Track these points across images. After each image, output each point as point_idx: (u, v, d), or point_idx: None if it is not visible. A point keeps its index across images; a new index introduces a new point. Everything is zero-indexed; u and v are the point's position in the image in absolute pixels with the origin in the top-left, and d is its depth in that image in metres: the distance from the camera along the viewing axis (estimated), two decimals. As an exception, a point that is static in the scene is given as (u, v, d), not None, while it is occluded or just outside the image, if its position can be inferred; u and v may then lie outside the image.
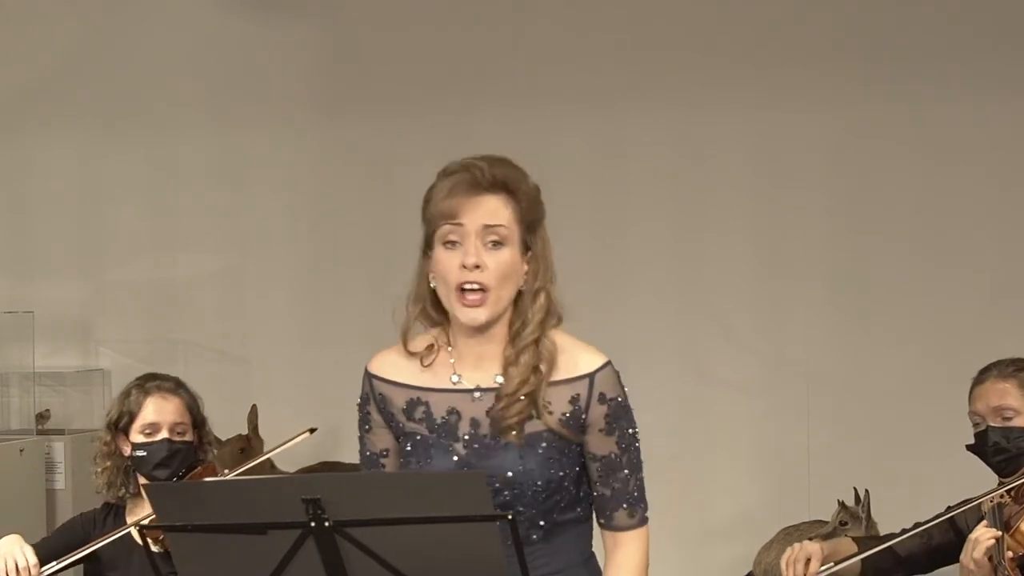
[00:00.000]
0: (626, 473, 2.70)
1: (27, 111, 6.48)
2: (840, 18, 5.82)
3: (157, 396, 3.57)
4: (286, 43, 6.27)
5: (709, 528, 5.86)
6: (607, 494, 2.70)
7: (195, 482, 3.15)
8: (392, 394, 2.71)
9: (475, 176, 2.63)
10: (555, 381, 2.65)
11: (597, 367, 2.67)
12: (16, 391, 6.43)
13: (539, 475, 2.61)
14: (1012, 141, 5.70)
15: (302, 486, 2.22)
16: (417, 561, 2.25)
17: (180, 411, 3.57)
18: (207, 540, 2.28)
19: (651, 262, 5.92)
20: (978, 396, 3.52)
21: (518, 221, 2.65)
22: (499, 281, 2.62)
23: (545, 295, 2.68)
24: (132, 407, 3.56)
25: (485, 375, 2.67)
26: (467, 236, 2.61)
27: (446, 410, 2.66)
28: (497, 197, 2.64)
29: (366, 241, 6.18)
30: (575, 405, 2.65)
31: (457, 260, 2.61)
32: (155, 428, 3.54)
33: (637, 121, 5.95)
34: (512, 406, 2.62)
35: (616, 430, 2.68)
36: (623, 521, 2.71)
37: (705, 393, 5.90)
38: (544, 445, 2.63)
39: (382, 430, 2.73)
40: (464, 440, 2.65)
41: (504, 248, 2.62)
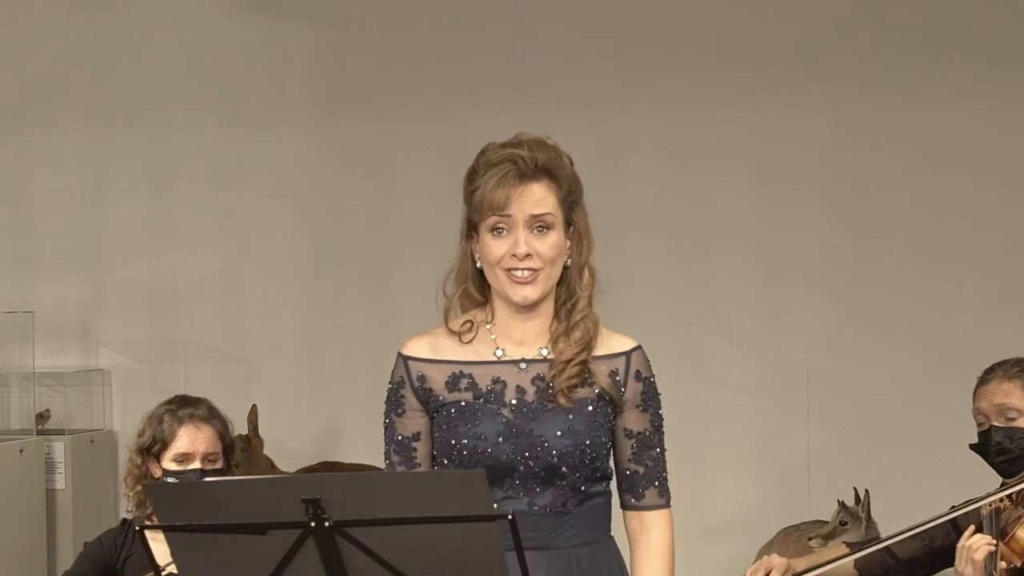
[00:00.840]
0: (658, 452, 2.79)
1: (27, 111, 6.48)
2: (840, 18, 5.83)
3: (191, 426, 3.58)
4: (286, 43, 6.27)
5: (709, 528, 5.86)
6: (640, 471, 2.77)
7: (195, 482, 3.15)
8: (432, 372, 2.75)
9: (520, 167, 2.70)
10: (597, 356, 2.75)
11: (633, 347, 2.82)
12: (16, 391, 6.43)
13: (587, 436, 2.68)
14: (1012, 141, 5.70)
15: (302, 486, 2.22)
16: (417, 561, 2.25)
17: (213, 440, 3.59)
18: (207, 540, 2.28)
19: (651, 262, 5.93)
20: (982, 395, 3.51)
21: (561, 203, 2.74)
22: (548, 263, 2.71)
23: (589, 271, 2.81)
24: (165, 435, 3.57)
25: (530, 349, 2.75)
26: (515, 225, 2.69)
27: (491, 379, 2.73)
28: (541, 184, 2.72)
29: (366, 241, 6.18)
30: (614, 379, 2.75)
31: (506, 248, 2.69)
32: (188, 458, 3.57)
33: (637, 121, 5.95)
34: (565, 370, 2.71)
35: (650, 408, 2.79)
36: (654, 500, 2.78)
37: (705, 393, 5.90)
38: (591, 409, 2.71)
39: (416, 413, 2.77)
40: (511, 405, 2.71)
41: (551, 232, 2.72)
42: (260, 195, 6.32)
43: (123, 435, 6.32)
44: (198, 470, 3.55)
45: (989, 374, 3.52)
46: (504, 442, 2.68)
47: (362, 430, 5.15)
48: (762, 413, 5.88)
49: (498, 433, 2.68)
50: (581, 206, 2.80)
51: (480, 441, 2.68)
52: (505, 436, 2.68)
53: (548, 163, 2.73)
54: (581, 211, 2.80)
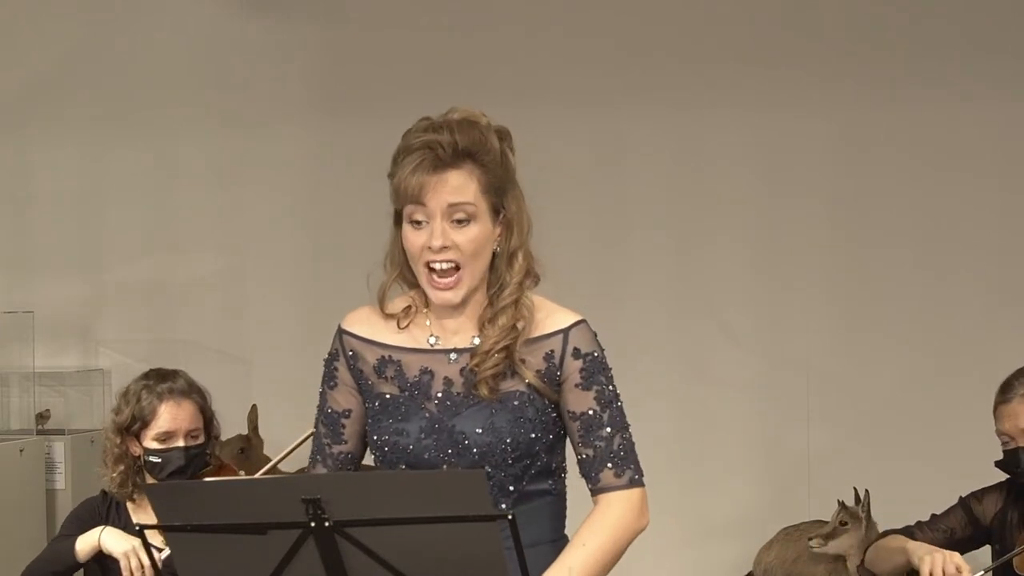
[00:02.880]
0: (608, 431, 2.60)
1: (27, 111, 6.47)
2: (840, 20, 5.82)
3: (171, 402, 3.51)
4: (286, 43, 6.27)
5: (709, 528, 5.86)
6: (590, 455, 2.60)
7: (195, 482, 3.14)
8: (364, 351, 2.67)
9: (437, 154, 2.55)
10: (531, 338, 2.61)
11: (571, 323, 2.62)
12: (16, 391, 6.43)
13: (508, 433, 2.55)
14: (1012, 142, 5.70)
15: (302, 486, 2.22)
16: (417, 561, 2.25)
17: (194, 416, 3.54)
18: (207, 540, 2.28)
19: (651, 262, 5.93)
20: (1006, 416, 3.41)
21: (485, 190, 2.58)
22: (470, 257, 2.57)
23: (523, 254, 2.63)
24: (145, 413, 3.50)
25: (463, 337, 2.63)
26: (432, 216, 2.56)
27: (419, 370, 2.62)
28: (461, 170, 2.56)
29: (366, 241, 6.13)
30: (549, 361, 2.60)
31: (423, 240, 2.58)
32: (171, 436, 3.50)
33: (637, 122, 5.95)
34: (487, 360, 2.58)
35: (593, 384, 2.60)
36: (610, 481, 2.59)
37: (705, 393, 5.90)
38: (516, 403, 2.58)
39: (348, 389, 2.69)
40: (436, 399, 2.61)
41: (472, 224, 2.57)
42: (260, 195, 6.32)
43: (123, 435, 6.31)
44: (181, 448, 3.49)
45: (1008, 392, 3.42)
46: (426, 438, 2.58)
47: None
48: (762, 413, 5.87)
49: (420, 429, 2.58)
50: (513, 190, 2.63)
51: (402, 437, 2.59)
52: (427, 432, 2.58)
53: (470, 147, 2.56)
54: (512, 196, 2.62)
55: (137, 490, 3.53)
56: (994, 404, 3.46)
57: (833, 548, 4.99)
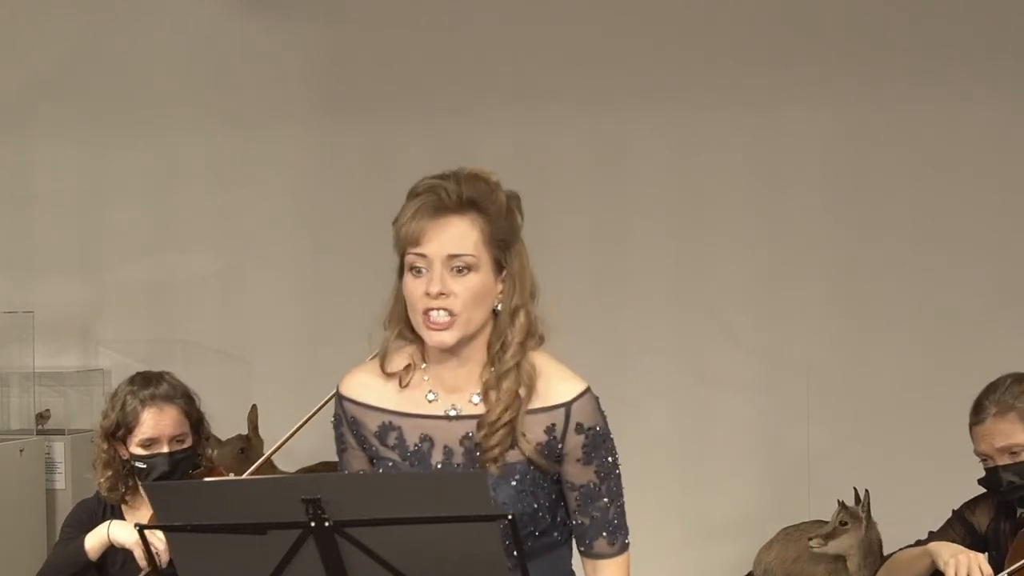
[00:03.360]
0: (605, 502, 2.61)
1: (27, 111, 6.48)
2: (840, 18, 5.82)
3: (153, 409, 3.48)
4: (286, 43, 6.27)
5: (709, 528, 5.86)
6: (586, 523, 2.62)
7: (195, 482, 3.13)
8: (364, 418, 2.64)
9: (440, 198, 2.51)
10: (532, 409, 2.56)
11: (574, 396, 2.57)
12: (16, 391, 6.43)
13: (511, 508, 2.52)
14: (1012, 141, 5.70)
15: (302, 486, 2.22)
16: (417, 561, 2.25)
17: (177, 421, 3.50)
18: (207, 540, 2.28)
19: (651, 262, 5.93)
20: (980, 437, 3.38)
21: (487, 242, 2.53)
22: (467, 306, 2.52)
23: (524, 314, 2.57)
24: (129, 419, 3.48)
25: (461, 396, 2.59)
26: (432, 264, 2.51)
27: (419, 437, 2.59)
28: (464, 218, 2.52)
29: (366, 241, 6.16)
30: (550, 435, 2.56)
31: (422, 287, 2.52)
32: (154, 442, 3.48)
33: (637, 121, 5.95)
34: (494, 435, 2.54)
35: (594, 459, 2.58)
36: (603, 549, 2.63)
37: (705, 393, 5.90)
38: (518, 477, 2.56)
39: (356, 451, 2.68)
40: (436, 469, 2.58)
41: (472, 273, 2.52)
42: (260, 195, 6.32)
43: (123, 435, 6.32)
44: (165, 455, 3.47)
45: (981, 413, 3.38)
46: None
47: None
48: (762, 413, 5.88)
49: None
50: (517, 247, 2.57)
51: None
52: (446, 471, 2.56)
53: (475, 196, 2.51)
54: (516, 252, 2.57)
55: (130, 492, 3.53)
56: (969, 425, 3.43)
57: (833, 548, 4.98)
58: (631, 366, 5.78)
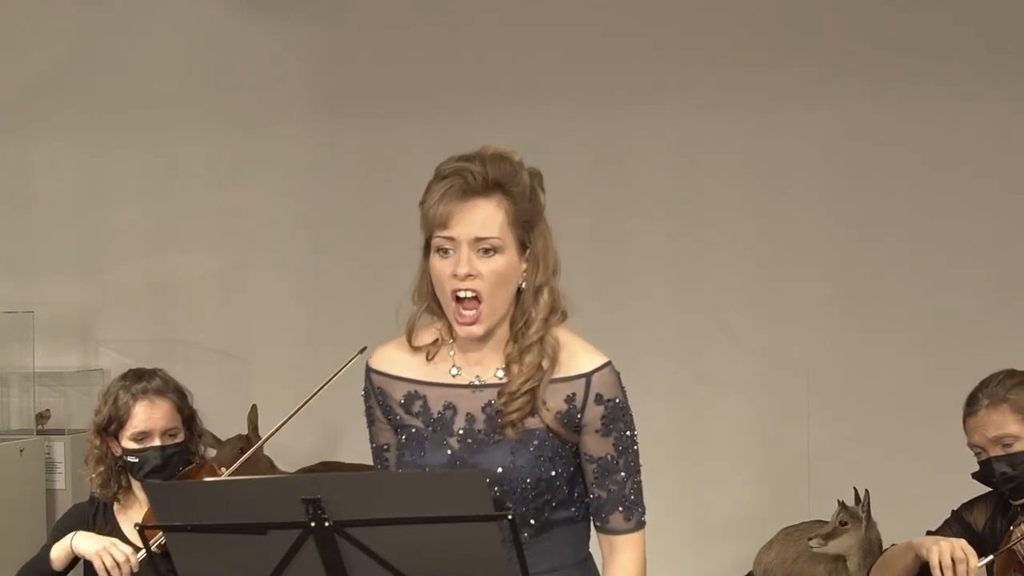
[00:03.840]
0: (623, 476, 2.65)
1: (27, 111, 6.48)
2: (840, 18, 5.83)
3: (145, 402, 3.49)
4: (286, 43, 6.27)
5: (709, 528, 5.86)
6: (603, 496, 2.65)
7: (195, 482, 3.13)
8: (391, 388, 2.70)
9: (467, 181, 2.57)
10: (554, 379, 2.62)
11: (595, 367, 2.63)
12: (16, 391, 6.43)
13: (528, 472, 2.58)
14: (1012, 141, 5.70)
15: (302, 486, 2.22)
16: (417, 561, 2.25)
17: (170, 415, 3.51)
18: (207, 540, 2.28)
19: (651, 262, 5.93)
20: (973, 428, 3.41)
21: (512, 223, 2.60)
22: (493, 288, 2.58)
23: (548, 291, 2.64)
24: (120, 413, 3.49)
25: (485, 369, 2.65)
26: (459, 246, 2.58)
27: (443, 404, 2.65)
28: (490, 200, 2.58)
29: (366, 241, 6.18)
30: (570, 404, 2.61)
31: (450, 268, 2.58)
32: (146, 436, 3.49)
33: (637, 121, 5.95)
34: (514, 402, 2.59)
35: (613, 432, 2.63)
36: (619, 524, 2.66)
37: (705, 393, 5.90)
38: (536, 443, 2.60)
39: (383, 424, 2.74)
40: (458, 435, 2.63)
41: (498, 255, 2.58)
42: (260, 195, 6.32)
43: (123, 435, 6.32)
44: (158, 448, 3.47)
45: (974, 405, 3.42)
46: None
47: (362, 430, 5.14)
48: (762, 413, 5.88)
49: (442, 465, 2.61)
50: (541, 226, 2.66)
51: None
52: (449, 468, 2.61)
53: (501, 178, 2.58)
54: (539, 231, 2.65)
55: (122, 491, 3.53)
56: (963, 418, 3.46)
57: (833, 548, 4.98)
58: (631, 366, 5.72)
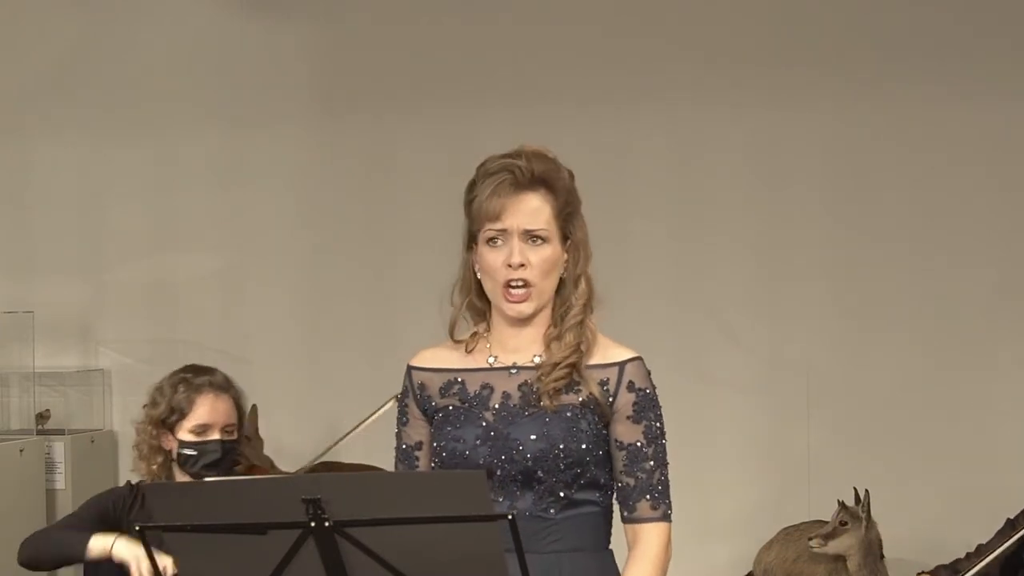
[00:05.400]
0: (651, 465, 2.74)
1: (27, 111, 6.48)
2: (840, 18, 5.83)
3: (210, 394, 3.49)
4: (286, 43, 6.27)
5: (709, 528, 5.85)
6: (631, 484, 2.73)
7: (195, 482, 3.12)
8: (430, 380, 2.80)
9: (516, 176, 2.72)
10: (588, 365, 2.75)
11: (629, 357, 2.80)
12: (16, 391, 6.43)
13: (561, 440, 2.67)
14: (1012, 141, 5.70)
15: (302, 486, 2.22)
16: (417, 561, 2.25)
17: (231, 411, 3.51)
18: (207, 540, 2.28)
19: (651, 262, 5.93)
20: None
21: (556, 215, 2.75)
22: (542, 276, 2.73)
23: (585, 280, 2.80)
24: (182, 404, 3.47)
25: (524, 355, 2.76)
26: (510, 237, 2.72)
27: (480, 385, 2.75)
28: (537, 194, 2.74)
29: (366, 241, 6.18)
30: (604, 388, 2.73)
31: (502, 258, 2.72)
32: (207, 429, 3.46)
33: (637, 121, 5.95)
34: (552, 372, 2.71)
35: (643, 420, 2.75)
36: (645, 512, 2.73)
37: (705, 393, 5.90)
38: (570, 415, 2.70)
39: (419, 422, 2.81)
40: (494, 409, 2.73)
41: (546, 244, 2.73)
42: (260, 195, 6.32)
43: (123, 435, 6.32)
44: (218, 441, 3.46)
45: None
46: (481, 445, 2.70)
47: (362, 430, 5.15)
48: (762, 413, 5.87)
49: (476, 436, 2.71)
50: (579, 218, 2.82)
51: (459, 444, 2.72)
52: (483, 439, 2.71)
53: (545, 174, 2.76)
54: (578, 223, 2.82)
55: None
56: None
57: (833, 548, 4.99)
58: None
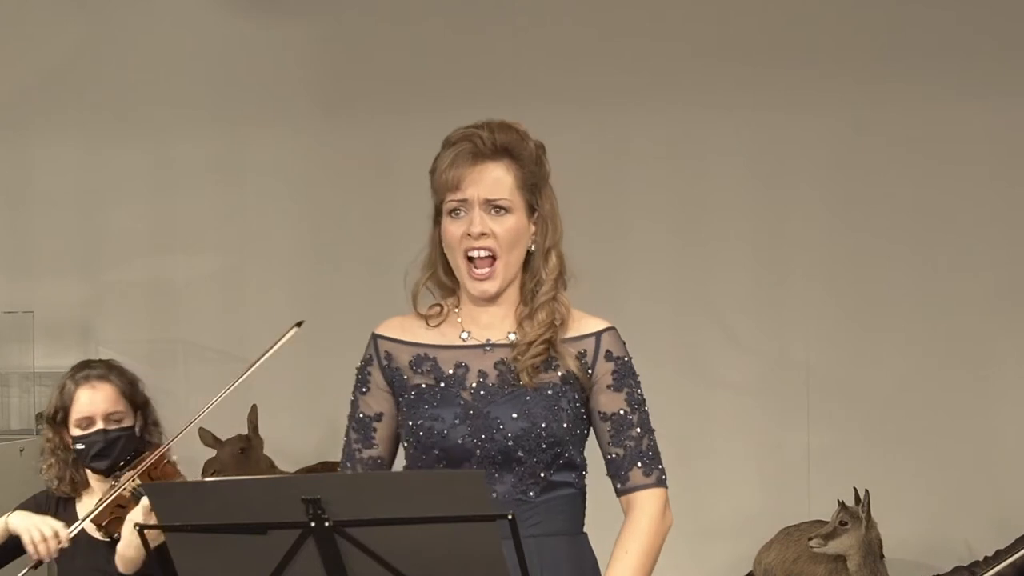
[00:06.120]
0: (638, 431, 2.70)
1: (27, 111, 6.47)
2: (840, 18, 5.83)
3: (86, 387, 3.52)
4: (286, 43, 6.27)
5: (709, 528, 5.85)
6: (620, 454, 2.69)
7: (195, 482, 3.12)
8: (398, 351, 2.73)
9: (476, 145, 2.67)
10: (564, 339, 2.69)
11: (604, 327, 2.73)
12: (16, 391, 6.43)
13: (543, 419, 2.62)
14: (1012, 141, 5.70)
15: (302, 486, 2.22)
16: (417, 561, 2.25)
17: (112, 399, 3.52)
18: (207, 540, 2.28)
19: (651, 262, 5.93)
20: None
21: (520, 186, 2.69)
22: (508, 248, 2.67)
23: (556, 255, 2.73)
24: (65, 401, 3.52)
25: (497, 332, 2.71)
26: (471, 207, 2.66)
27: (455, 364, 2.69)
28: (499, 164, 2.68)
29: (366, 240, 6.18)
30: (581, 360, 2.68)
31: (463, 229, 2.66)
32: (89, 421, 3.50)
33: (637, 121, 5.95)
34: (528, 351, 2.66)
35: (624, 387, 2.70)
36: (639, 480, 2.68)
37: (705, 393, 5.90)
38: (551, 393, 2.65)
39: (381, 392, 2.74)
40: (471, 389, 2.67)
41: (509, 215, 2.67)
42: (260, 195, 6.32)
43: (123, 435, 6.31)
44: (101, 431, 3.48)
45: None
46: (461, 424, 2.63)
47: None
48: (762, 413, 5.88)
49: (455, 415, 2.64)
50: (546, 190, 2.75)
51: (436, 423, 2.64)
52: (462, 419, 2.63)
53: (508, 144, 2.70)
54: (546, 195, 2.75)
55: (79, 484, 3.53)
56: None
57: (833, 548, 4.99)
58: (631, 366, 5.78)
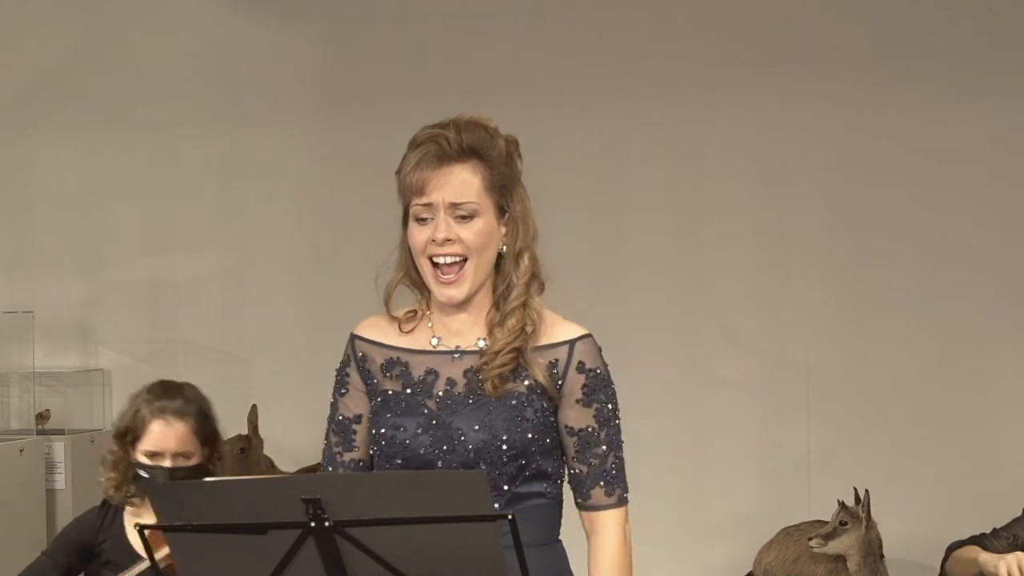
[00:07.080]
0: (604, 450, 2.61)
1: (27, 111, 6.47)
2: (840, 18, 5.83)
3: (161, 421, 3.46)
4: (286, 43, 6.27)
5: (709, 528, 5.86)
6: (583, 471, 2.61)
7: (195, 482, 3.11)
8: (373, 353, 2.69)
9: (442, 147, 2.57)
10: (536, 346, 2.60)
11: (578, 335, 2.62)
12: (16, 391, 6.43)
13: (504, 431, 2.55)
14: (1012, 141, 5.70)
15: (302, 486, 2.22)
16: (417, 561, 2.25)
17: (184, 438, 3.47)
18: (207, 540, 2.28)
19: (651, 262, 5.93)
20: None
21: (489, 188, 2.59)
22: (475, 251, 2.58)
23: (528, 257, 2.63)
24: (137, 426, 3.47)
25: (467, 339, 2.64)
26: (436, 212, 2.57)
27: (424, 370, 2.63)
28: (466, 166, 2.58)
29: (366, 240, 6.14)
30: (552, 370, 2.59)
31: (428, 234, 2.58)
32: (157, 454, 3.46)
33: (637, 121, 5.95)
34: (496, 359, 2.58)
35: (594, 402, 2.60)
36: (600, 500, 2.62)
37: (705, 393, 5.90)
38: (515, 403, 2.57)
39: (359, 393, 2.70)
40: (437, 397, 2.61)
41: (475, 219, 2.58)
42: (260, 195, 6.32)
43: (123, 435, 6.32)
44: (166, 469, 3.44)
45: None
46: (423, 434, 2.57)
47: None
48: (762, 413, 5.88)
49: (418, 425, 2.58)
50: (518, 191, 2.63)
51: (399, 432, 2.59)
52: (425, 428, 2.58)
53: (476, 144, 2.58)
54: (518, 196, 2.62)
55: (137, 495, 3.52)
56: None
57: (833, 548, 4.98)
58: (631, 366, 5.75)
